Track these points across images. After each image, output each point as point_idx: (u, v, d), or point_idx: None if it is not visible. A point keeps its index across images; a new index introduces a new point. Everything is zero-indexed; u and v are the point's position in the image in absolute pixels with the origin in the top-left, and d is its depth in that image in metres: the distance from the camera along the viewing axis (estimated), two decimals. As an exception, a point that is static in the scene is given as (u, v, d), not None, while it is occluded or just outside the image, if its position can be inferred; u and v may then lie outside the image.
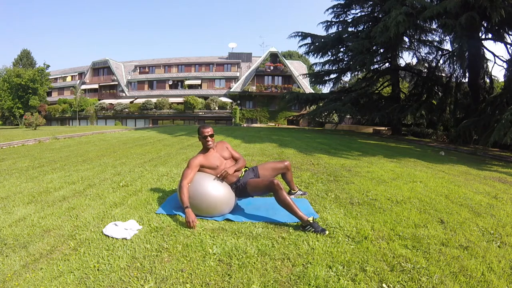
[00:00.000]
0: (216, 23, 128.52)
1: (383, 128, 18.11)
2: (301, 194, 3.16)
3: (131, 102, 33.40)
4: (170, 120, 32.96)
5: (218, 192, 2.50)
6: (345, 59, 17.29)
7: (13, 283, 1.58)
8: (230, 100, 32.49)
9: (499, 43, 12.63)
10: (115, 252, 1.89)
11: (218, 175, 2.59)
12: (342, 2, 16.86)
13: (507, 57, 12.26)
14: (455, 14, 10.41)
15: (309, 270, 1.71)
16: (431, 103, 15.12)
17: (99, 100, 35.23)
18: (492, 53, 12.90)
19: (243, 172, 2.78)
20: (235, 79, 34.30)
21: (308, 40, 17.62)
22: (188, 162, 2.63)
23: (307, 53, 17.84)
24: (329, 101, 16.89)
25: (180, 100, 32.35)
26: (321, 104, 17.71)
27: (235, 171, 2.69)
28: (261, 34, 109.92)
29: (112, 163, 4.95)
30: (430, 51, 16.22)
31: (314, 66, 18.96)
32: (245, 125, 29.40)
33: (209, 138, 2.67)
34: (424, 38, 15.46)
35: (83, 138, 10.09)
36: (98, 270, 1.69)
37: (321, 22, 18.10)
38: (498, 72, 51.76)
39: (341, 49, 16.95)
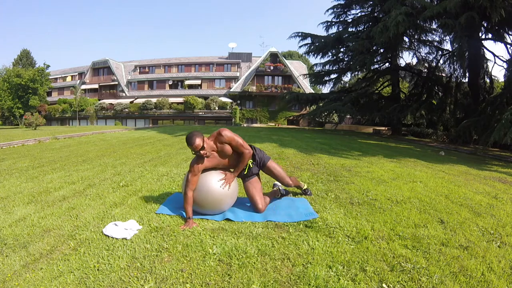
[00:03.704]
0: (216, 23, 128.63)
1: (383, 128, 18.11)
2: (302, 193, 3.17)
3: (131, 102, 33.39)
4: (170, 120, 32.96)
5: (221, 187, 2.51)
6: (345, 59, 17.29)
7: (13, 283, 1.58)
8: (230, 100, 32.48)
9: (499, 43, 12.63)
10: (115, 252, 1.89)
11: (222, 185, 2.49)
12: (342, 2, 16.85)
13: (507, 57, 12.25)
14: (455, 14, 10.40)
15: (309, 270, 1.71)
16: (431, 103, 15.11)
17: (99, 100, 35.22)
18: (492, 53, 12.90)
19: (251, 165, 2.71)
20: (235, 79, 34.30)
21: (308, 40, 17.62)
22: (191, 166, 2.47)
23: (307, 53, 17.83)
24: (329, 101, 16.89)
25: (180, 100, 32.35)
26: (321, 104, 17.71)
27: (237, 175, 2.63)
28: (261, 34, 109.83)
29: (112, 163, 4.94)
30: (430, 51, 16.21)
31: (315, 67, 18.96)
32: (245, 125, 29.41)
33: (200, 152, 2.40)
34: (424, 38, 15.44)
35: (83, 138, 10.09)
36: (98, 270, 1.69)
37: (322, 23, 18.10)
38: (498, 72, 51.81)
39: (341, 49, 16.95)
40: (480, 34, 12.52)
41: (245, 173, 2.69)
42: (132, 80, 36.33)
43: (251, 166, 2.72)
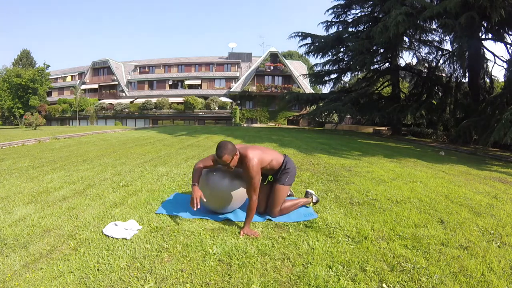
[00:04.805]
0: (216, 23, 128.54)
1: (383, 128, 18.10)
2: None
3: (131, 102, 33.39)
4: (170, 120, 32.95)
5: (233, 187, 2.48)
6: (345, 59, 17.28)
7: (13, 283, 1.58)
8: (230, 100, 32.48)
9: (499, 43, 12.63)
10: (115, 252, 1.89)
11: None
12: (342, 2, 16.85)
13: (507, 57, 12.26)
14: (455, 14, 10.40)
15: (309, 270, 1.71)
16: (431, 103, 15.11)
17: (99, 100, 35.22)
18: (492, 53, 12.90)
19: (270, 179, 2.66)
20: (235, 79, 34.30)
21: (308, 40, 17.62)
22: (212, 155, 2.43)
23: (307, 53, 17.83)
24: (329, 101, 16.89)
25: (180, 100, 32.35)
26: (321, 104, 17.71)
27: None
28: (261, 34, 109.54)
29: (112, 163, 4.94)
30: (430, 51, 16.21)
31: (315, 67, 18.96)
32: (245, 125, 29.41)
33: (227, 167, 2.36)
34: (424, 38, 15.44)
35: (83, 138, 10.09)
36: (98, 270, 1.69)
37: (321, 22, 18.11)
38: (498, 72, 51.90)
39: (341, 49, 16.94)
40: (480, 34, 12.52)
41: (264, 183, 2.63)
42: (132, 80, 36.32)
43: (270, 180, 2.66)
